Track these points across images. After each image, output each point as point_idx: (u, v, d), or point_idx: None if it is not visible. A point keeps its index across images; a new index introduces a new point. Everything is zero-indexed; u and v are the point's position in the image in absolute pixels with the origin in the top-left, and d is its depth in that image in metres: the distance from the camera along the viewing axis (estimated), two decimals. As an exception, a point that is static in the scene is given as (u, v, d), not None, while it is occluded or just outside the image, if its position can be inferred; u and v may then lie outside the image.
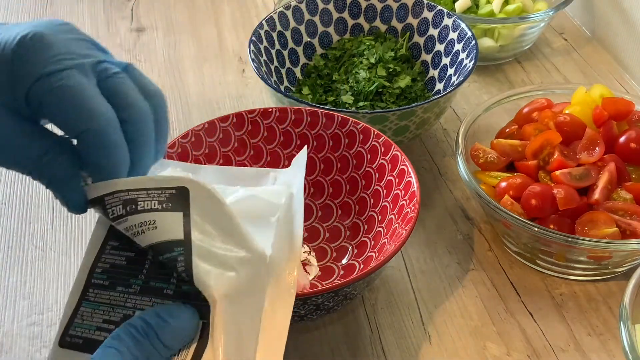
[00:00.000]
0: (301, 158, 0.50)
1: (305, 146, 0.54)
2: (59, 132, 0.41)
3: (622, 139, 0.67)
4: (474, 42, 0.76)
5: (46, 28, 0.40)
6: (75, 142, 0.40)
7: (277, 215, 0.45)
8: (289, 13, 0.83)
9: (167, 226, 0.39)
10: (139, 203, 0.39)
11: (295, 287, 0.43)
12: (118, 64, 0.42)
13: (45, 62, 0.38)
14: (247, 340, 0.40)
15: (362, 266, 0.63)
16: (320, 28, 0.85)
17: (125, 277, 0.41)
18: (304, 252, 0.67)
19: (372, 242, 0.64)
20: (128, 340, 0.37)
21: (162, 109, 0.43)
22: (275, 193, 0.47)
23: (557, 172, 0.64)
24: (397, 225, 0.60)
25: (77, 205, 0.41)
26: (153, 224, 0.39)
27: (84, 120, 0.39)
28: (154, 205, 0.39)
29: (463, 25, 0.79)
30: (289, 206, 0.46)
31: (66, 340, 0.40)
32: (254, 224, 0.44)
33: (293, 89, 0.83)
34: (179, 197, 0.39)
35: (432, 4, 0.83)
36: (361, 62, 0.81)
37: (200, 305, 0.39)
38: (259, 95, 0.89)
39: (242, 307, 0.40)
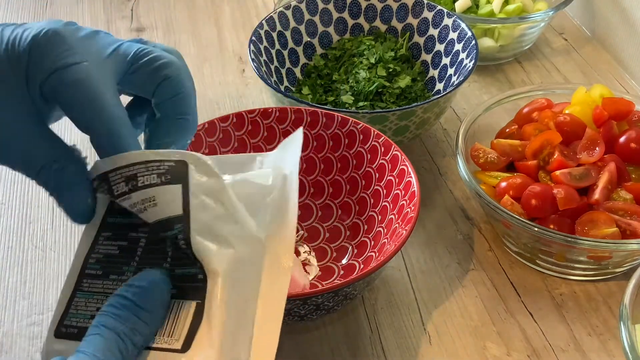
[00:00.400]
0: (295, 138, 0.49)
1: (301, 127, 0.53)
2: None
3: (622, 139, 0.67)
4: (474, 42, 0.76)
5: (58, 25, 0.41)
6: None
7: (270, 196, 0.45)
8: (289, 13, 0.83)
9: (166, 201, 0.39)
10: (139, 179, 0.39)
11: (290, 269, 0.43)
12: (137, 41, 0.44)
13: (58, 55, 0.39)
14: (244, 318, 0.40)
15: (362, 266, 0.63)
16: (320, 28, 0.85)
17: (118, 266, 0.41)
18: (304, 252, 0.67)
19: (372, 242, 0.64)
20: (108, 320, 0.37)
21: (185, 66, 0.46)
22: (264, 176, 0.47)
23: (557, 172, 0.64)
24: (397, 225, 0.60)
25: (82, 214, 0.41)
26: (153, 200, 0.39)
27: (94, 119, 0.40)
28: (153, 180, 0.39)
29: (463, 25, 0.79)
30: (283, 188, 0.45)
31: (61, 330, 0.40)
32: (247, 207, 0.44)
33: (293, 89, 0.83)
34: (177, 170, 0.39)
35: (432, 3, 0.83)
36: (361, 62, 0.81)
37: (195, 287, 0.39)
38: (259, 95, 0.89)
39: (240, 284, 0.40)
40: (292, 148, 0.48)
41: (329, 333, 0.62)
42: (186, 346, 0.38)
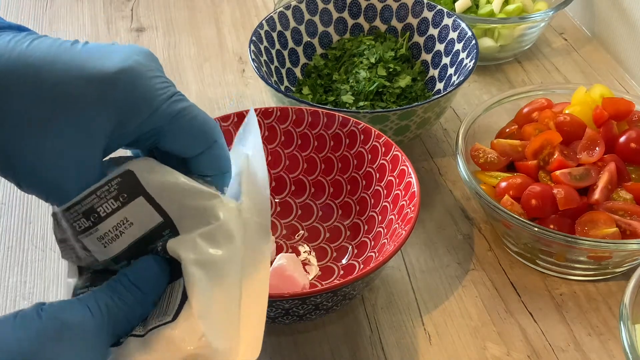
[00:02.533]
0: (251, 120, 0.49)
1: (252, 108, 0.53)
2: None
3: (622, 139, 0.67)
4: (474, 41, 0.76)
5: (144, 57, 0.39)
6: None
7: (238, 178, 0.45)
8: (289, 13, 0.83)
9: (140, 216, 0.39)
10: (98, 209, 0.38)
11: (270, 237, 0.43)
12: None
13: (155, 90, 0.38)
14: (230, 290, 0.40)
15: (362, 266, 0.63)
16: (320, 28, 0.85)
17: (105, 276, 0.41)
18: (304, 251, 0.67)
19: (372, 242, 0.64)
20: (106, 293, 0.38)
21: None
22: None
23: (557, 172, 0.64)
24: (397, 225, 0.60)
25: None
26: (128, 221, 0.39)
27: (208, 139, 0.41)
28: (114, 205, 0.38)
29: (463, 25, 0.79)
30: (247, 169, 0.45)
31: None
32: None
33: (293, 89, 0.83)
34: (128, 183, 0.39)
35: (432, 3, 0.83)
36: (361, 62, 0.81)
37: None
38: (259, 95, 0.89)
39: (222, 255, 0.40)
40: (251, 129, 0.47)
41: (328, 333, 0.62)
42: (175, 316, 0.39)
